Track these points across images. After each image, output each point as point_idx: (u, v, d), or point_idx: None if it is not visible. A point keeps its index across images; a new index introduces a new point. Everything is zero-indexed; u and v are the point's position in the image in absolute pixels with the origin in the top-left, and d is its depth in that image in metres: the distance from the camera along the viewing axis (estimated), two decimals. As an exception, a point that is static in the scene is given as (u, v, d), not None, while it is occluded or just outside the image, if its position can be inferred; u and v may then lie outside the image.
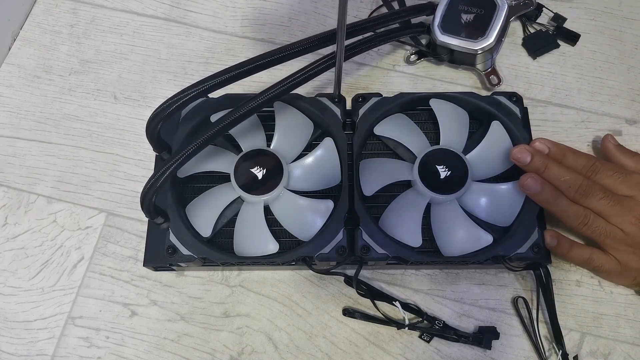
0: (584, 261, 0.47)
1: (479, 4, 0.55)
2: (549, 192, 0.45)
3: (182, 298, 0.49)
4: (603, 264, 0.46)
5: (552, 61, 0.58)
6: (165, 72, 0.58)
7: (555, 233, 0.47)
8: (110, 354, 0.47)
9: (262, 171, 0.47)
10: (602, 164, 0.47)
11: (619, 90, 0.56)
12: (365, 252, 0.44)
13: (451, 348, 0.47)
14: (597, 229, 0.45)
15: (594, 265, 0.47)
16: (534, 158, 0.46)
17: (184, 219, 0.46)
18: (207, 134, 0.40)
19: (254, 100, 0.41)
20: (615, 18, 0.60)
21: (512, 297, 0.48)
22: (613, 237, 0.45)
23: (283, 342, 0.47)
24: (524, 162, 0.46)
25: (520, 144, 0.47)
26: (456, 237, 0.46)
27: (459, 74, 0.58)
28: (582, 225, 0.45)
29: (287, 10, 0.61)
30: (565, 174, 0.45)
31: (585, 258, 0.47)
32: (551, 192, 0.45)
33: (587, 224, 0.45)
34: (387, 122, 0.50)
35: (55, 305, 0.49)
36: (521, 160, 0.46)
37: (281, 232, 0.47)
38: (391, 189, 0.48)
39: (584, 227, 0.45)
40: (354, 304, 0.48)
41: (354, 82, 0.57)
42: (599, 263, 0.46)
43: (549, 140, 0.47)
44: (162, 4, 0.62)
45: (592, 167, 0.46)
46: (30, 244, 0.51)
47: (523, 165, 0.46)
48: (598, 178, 0.46)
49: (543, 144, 0.47)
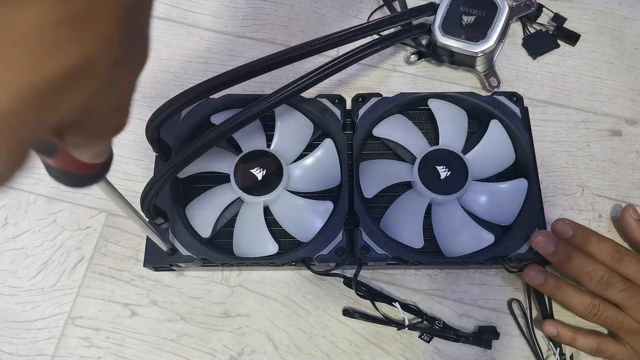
0: (592, 350, 0.45)
1: (480, 6, 0.54)
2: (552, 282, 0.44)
3: (182, 298, 0.49)
4: (615, 354, 0.44)
5: (552, 61, 0.58)
6: (165, 72, 0.58)
7: (554, 323, 0.46)
8: (110, 354, 0.47)
9: (261, 172, 0.47)
10: (627, 252, 0.44)
11: (619, 90, 0.56)
12: (365, 252, 0.44)
13: (451, 348, 0.47)
14: (609, 319, 0.44)
15: (605, 355, 0.44)
16: (557, 249, 0.43)
17: (183, 220, 0.46)
18: (209, 136, 0.40)
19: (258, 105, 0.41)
20: (615, 18, 0.60)
21: (507, 300, 0.48)
22: (627, 328, 0.43)
23: (283, 342, 0.47)
24: (546, 252, 0.43)
25: (541, 230, 0.45)
26: (458, 237, 0.46)
27: (459, 75, 0.58)
28: (592, 315, 0.44)
29: (287, 10, 0.61)
30: (588, 265, 0.43)
31: (593, 347, 0.44)
32: (555, 282, 0.44)
33: (597, 314, 0.44)
34: (386, 123, 0.50)
35: (55, 305, 0.49)
36: (544, 250, 0.43)
37: (281, 233, 0.47)
38: (391, 190, 0.48)
39: (594, 317, 0.44)
40: (354, 304, 0.48)
41: (354, 82, 0.57)
42: (611, 353, 0.44)
43: (574, 222, 0.45)
44: (162, 4, 0.62)
45: (616, 254, 0.44)
46: (30, 244, 0.51)
47: (545, 255, 0.44)
48: (621, 267, 0.44)
49: (568, 227, 0.44)
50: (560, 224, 0.45)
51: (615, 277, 0.43)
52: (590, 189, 0.52)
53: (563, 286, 0.45)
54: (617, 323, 0.43)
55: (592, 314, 0.44)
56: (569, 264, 0.43)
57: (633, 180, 0.52)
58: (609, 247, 0.44)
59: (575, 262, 0.43)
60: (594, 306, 0.44)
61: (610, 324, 0.44)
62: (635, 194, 0.52)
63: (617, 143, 0.54)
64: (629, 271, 0.44)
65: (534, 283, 0.45)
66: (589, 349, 0.45)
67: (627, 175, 0.53)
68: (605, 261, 0.44)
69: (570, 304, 0.45)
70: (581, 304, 0.44)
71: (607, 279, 0.43)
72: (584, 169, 0.53)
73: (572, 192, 0.52)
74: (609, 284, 0.43)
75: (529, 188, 0.47)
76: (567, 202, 0.52)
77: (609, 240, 0.45)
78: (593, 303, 0.44)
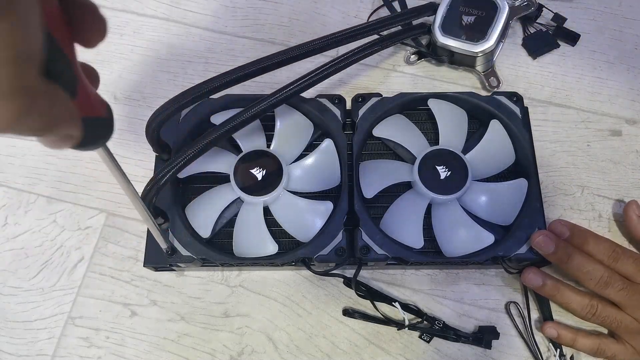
0: (593, 351, 0.45)
1: (480, 6, 0.54)
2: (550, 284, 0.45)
3: (182, 298, 0.49)
4: (616, 354, 0.44)
5: (552, 61, 0.58)
6: (165, 72, 0.58)
7: (554, 325, 0.46)
8: (110, 354, 0.47)
9: (261, 172, 0.47)
10: (623, 251, 0.44)
11: (619, 90, 0.56)
12: (365, 252, 0.44)
13: (451, 348, 0.47)
14: (607, 319, 0.44)
15: (606, 355, 0.44)
16: (558, 249, 0.43)
17: (183, 220, 0.46)
18: (209, 136, 0.40)
19: (258, 105, 0.41)
20: (615, 18, 0.60)
21: (505, 302, 0.48)
22: (626, 327, 0.43)
23: (283, 342, 0.47)
24: (547, 252, 0.43)
25: (542, 231, 0.45)
26: (458, 238, 0.46)
27: (459, 74, 0.58)
28: (591, 315, 0.44)
29: (287, 10, 0.61)
30: (587, 264, 0.43)
31: (594, 348, 0.45)
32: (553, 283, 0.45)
33: (596, 314, 0.44)
34: (386, 123, 0.50)
35: (55, 305, 0.49)
36: (544, 250, 0.43)
37: (280, 233, 0.47)
38: (391, 190, 0.48)
39: (593, 317, 0.44)
40: (354, 304, 0.48)
41: (354, 82, 0.57)
42: (611, 353, 0.44)
43: (569, 223, 0.45)
44: (162, 4, 0.62)
45: (612, 253, 0.44)
46: (30, 244, 0.51)
47: (545, 254, 0.44)
48: (618, 265, 0.44)
49: (564, 227, 0.45)
50: (557, 225, 0.45)
51: (614, 277, 0.43)
52: (590, 189, 0.52)
53: (561, 288, 0.45)
54: (616, 322, 0.43)
55: (590, 314, 0.44)
56: (569, 264, 0.43)
57: (633, 180, 0.52)
58: (606, 246, 0.44)
59: (575, 262, 0.43)
60: (592, 306, 0.44)
61: (609, 324, 0.44)
62: (635, 194, 0.52)
63: (617, 143, 0.54)
64: (626, 270, 0.44)
65: (532, 285, 0.46)
66: (589, 350, 0.45)
67: (627, 175, 0.53)
68: (603, 260, 0.44)
69: (569, 305, 0.45)
70: (580, 304, 0.44)
71: (607, 279, 0.43)
72: (584, 169, 0.53)
73: (572, 192, 0.52)
74: (608, 283, 0.43)
75: (529, 188, 0.47)
76: (567, 202, 0.52)
77: (606, 240, 0.45)
78: (591, 303, 0.44)
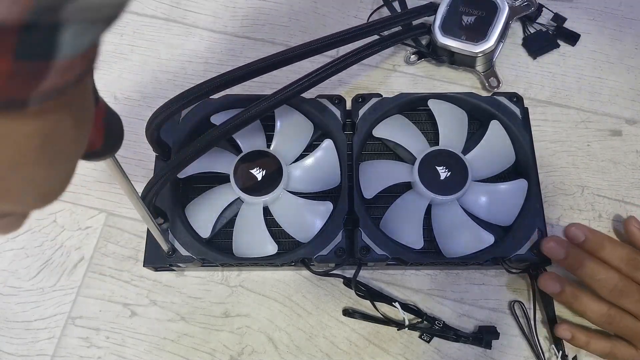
0: (605, 354, 0.44)
1: (480, 6, 0.54)
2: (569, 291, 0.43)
3: (182, 298, 0.49)
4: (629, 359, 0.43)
5: (552, 61, 0.58)
6: (165, 72, 0.58)
7: (569, 326, 0.45)
8: (110, 354, 0.47)
9: (261, 172, 0.47)
10: None
11: (619, 90, 0.56)
12: (365, 253, 0.44)
13: (451, 348, 0.47)
14: (624, 329, 0.42)
15: (618, 359, 0.43)
16: (568, 255, 0.42)
17: (183, 220, 0.46)
18: (209, 136, 0.40)
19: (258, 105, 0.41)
20: (615, 18, 0.60)
21: (509, 301, 0.48)
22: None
23: (283, 342, 0.47)
24: (557, 258, 0.42)
25: (553, 236, 0.43)
26: (458, 238, 0.46)
27: (460, 75, 0.58)
28: (607, 324, 0.43)
29: (287, 10, 0.61)
30: (600, 272, 0.42)
31: (606, 351, 0.43)
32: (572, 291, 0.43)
33: (613, 324, 0.43)
34: (386, 124, 0.50)
35: (55, 305, 0.49)
36: (554, 256, 0.42)
37: (280, 233, 0.47)
38: (391, 190, 0.48)
39: (609, 326, 0.43)
40: (354, 304, 0.48)
41: (354, 83, 0.57)
42: (624, 357, 0.43)
43: (586, 228, 0.44)
44: (162, 4, 0.62)
45: (632, 261, 0.42)
46: (30, 244, 0.51)
47: (556, 261, 0.43)
48: (637, 273, 0.42)
49: (580, 232, 0.43)
50: (573, 229, 0.44)
51: (631, 286, 0.42)
52: (590, 189, 0.52)
53: (580, 295, 0.43)
54: (633, 331, 0.42)
55: (607, 323, 0.43)
56: (581, 271, 0.42)
57: (633, 180, 0.52)
58: (624, 253, 0.43)
59: (587, 269, 0.42)
60: (609, 316, 0.42)
61: (626, 333, 0.43)
62: (635, 194, 0.52)
63: (617, 143, 0.54)
64: None
65: (550, 291, 0.44)
66: (602, 353, 0.44)
67: (627, 175, 0.53)
68: (620, 268, 0.42)
69: (585, 313, 0.44)
70: (597, 313, 0.43)
71: (622, 287, 0.41)
72: (584, 169, 0.53)
73: (572, 192, 0.52)
74: (622, 292, 0.41)
75: (529, 188, 0.47)
76: (567, 202, 0.52)
77: (625, 246, 0.43)
78: (609, 313, 0.42)
